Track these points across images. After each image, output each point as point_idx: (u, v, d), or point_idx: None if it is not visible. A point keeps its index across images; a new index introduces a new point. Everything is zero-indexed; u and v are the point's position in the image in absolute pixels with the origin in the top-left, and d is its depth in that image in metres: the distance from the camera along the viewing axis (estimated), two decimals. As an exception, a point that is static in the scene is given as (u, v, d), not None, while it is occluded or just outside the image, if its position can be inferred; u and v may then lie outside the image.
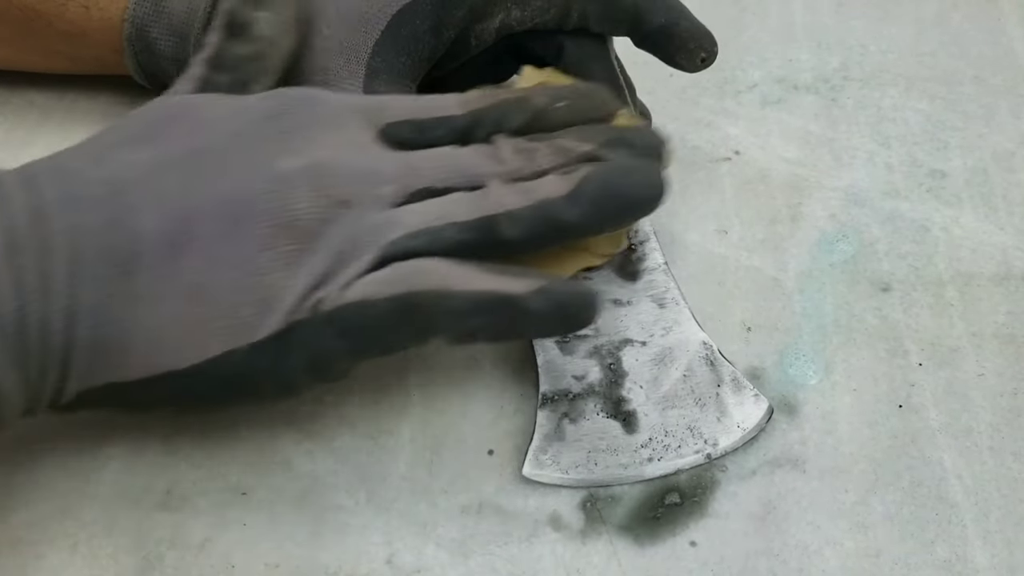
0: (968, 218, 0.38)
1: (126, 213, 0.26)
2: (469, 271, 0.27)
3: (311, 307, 0.26)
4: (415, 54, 0.35)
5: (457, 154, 0.28)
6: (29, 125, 0.41)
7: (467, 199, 0.28)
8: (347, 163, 0.28)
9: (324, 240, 0.27)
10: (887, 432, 0.32)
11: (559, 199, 0.27)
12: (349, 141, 0.28)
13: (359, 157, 0.28)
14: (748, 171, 0.39)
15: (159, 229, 0.26)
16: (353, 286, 0.26)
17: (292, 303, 0.26)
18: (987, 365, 0.33)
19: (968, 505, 0.30)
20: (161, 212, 0.27)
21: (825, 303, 0.35)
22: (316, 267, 0.26)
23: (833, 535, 0.29)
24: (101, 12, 0.37)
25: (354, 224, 0.27)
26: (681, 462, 0.30)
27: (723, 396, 0.31)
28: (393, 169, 0.28)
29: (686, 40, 0.36)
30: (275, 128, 0.28)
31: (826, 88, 0.43)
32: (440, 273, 0.27)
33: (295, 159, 0.27)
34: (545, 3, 0.35)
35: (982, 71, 0.44)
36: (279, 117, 0.28)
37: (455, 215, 0.27)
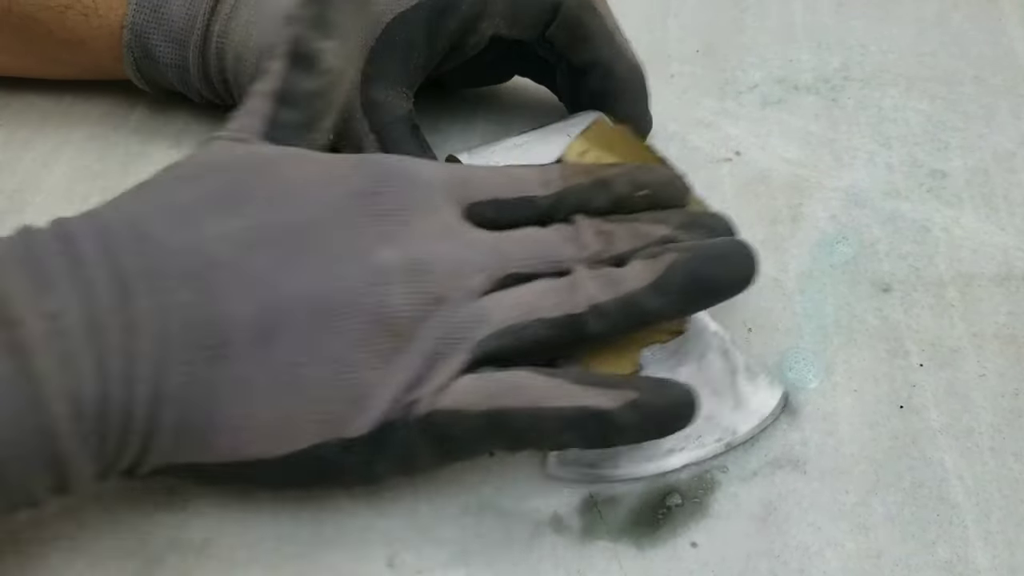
0: (969, 218, 0.38)
1: (215, 294, 0.25)
2: (560, 385, 0.27)
3: (404, 408, 0.26)
4: (410, 61, 0.35)
5: (542, 238, 0.29)
6: (30, 128, 0.41)
7: (554, 292, 0.27)
8: (442, 256, 0.27)
9: (418, 338, 0.26)
10: (888, 433, 0.31)
11: (645, 289, 0.27)
12: (442, 226, 0.28)
13: (452, 246, 0.28)
14: (748, 172, 0.39)
15: (250, 314, 0.25)
16: (447, 391, 0.26)
17: (386, 403, 0.26)
18: (988, 366, 0.33)
19: (969, 506, 0.30)
20: (253, 296, 0.26)
21: (826, 304, 0.35)
22: (410, 367, 0.26)
23: (834, 536, 0.29)
24: (100, 19, 0.37)
25: (446, 321, 0.27)
26: (703, 452, 0.30)
27: (738, 384, 0.31)
28: (482, 257, 0.28)
29: None
30: (371, 208, 0.27)
31: (826, 88, 0.43)
32: (532, 389, 0.26)
33: (393, 251, 0.27)
34: (534, 21, 0.35)
35: (983, 71, 0.44)
36: (374, 195, 0.28)
37: (542, 310, 0.27)
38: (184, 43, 0.37)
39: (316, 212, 0.27)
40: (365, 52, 0.34)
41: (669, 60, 0.44)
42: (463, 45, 0.36)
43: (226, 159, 0.28)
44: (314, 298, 0.26)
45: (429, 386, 0.26)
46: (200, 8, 0.36)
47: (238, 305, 0.25)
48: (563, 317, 0.27)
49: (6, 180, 0.39)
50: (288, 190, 0.27)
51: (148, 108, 0.41)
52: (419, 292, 0.27)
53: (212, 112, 0.40)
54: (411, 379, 0.26)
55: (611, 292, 0.27)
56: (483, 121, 0.41)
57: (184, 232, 0.26)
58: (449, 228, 0.28)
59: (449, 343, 0.26)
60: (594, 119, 0.35)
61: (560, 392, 0.26)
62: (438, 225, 0.28)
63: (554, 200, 0.29)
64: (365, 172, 0.28)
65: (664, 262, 0.28)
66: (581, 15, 0.35)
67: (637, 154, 0.34)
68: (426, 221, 0.28)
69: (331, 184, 0.28)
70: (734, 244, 0.29)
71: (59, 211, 0.37)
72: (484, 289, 0.27)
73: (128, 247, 0.25)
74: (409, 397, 0.26)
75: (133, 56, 0.38)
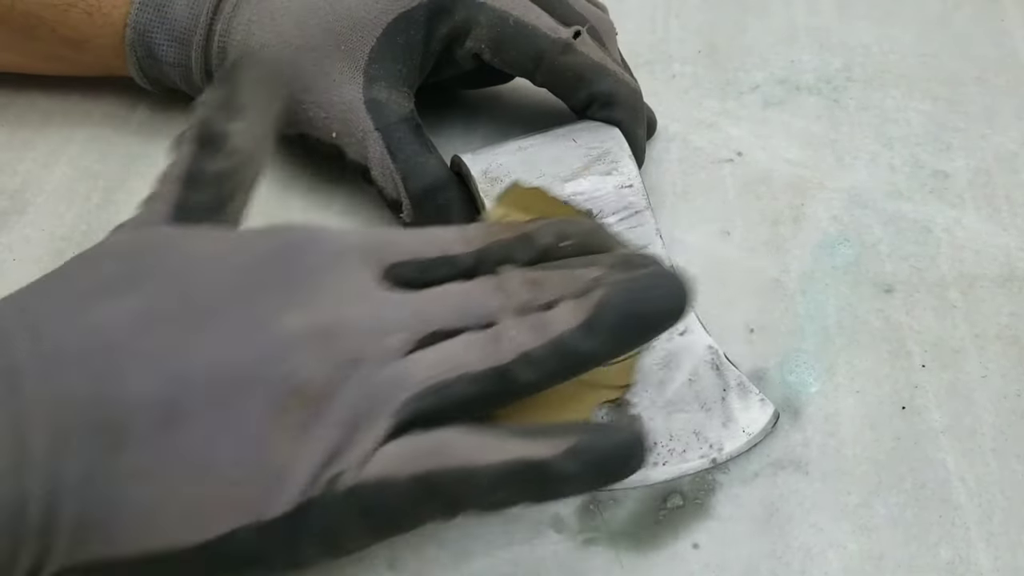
0: (971, 219, 0.38)
1: (112, 377, 0.24)
2: (492, 439, 0.25)
3: (326, 483, 0.24)
4: (410, 62, 0.35)
5: (465, 292, 0.27)
6: (32, 128, 0.41)
7: (479, 344, 0.26)
8: (355, 316, 0.25)
9: (335, 405, 0.24)
10: (890, 434, 0.31)
11: (575, 331, 0.25)
12: (353, 288, 0.26)
13: (365, 307, 0.26)
14: (750, 172, 0.39)
15: (150, 396, 0.24)
16: (371, 461, 0.24)
17: (305, 480, 0.24)
18: (990, 367, 0.33)
19: (971, 507, 0.30)
20: (153, 377, 0.24)
21: (828, 304, 0.35)
22: (328, 437, 0.24)
23: (836, 537, 0.29)
24: (104, 18, 0.37)
25: (364, 383, 0.25)
26: (686, 467, 0.30)
27: (729, 401, 0.31)
28: (400, 317, 0.26)
29: None
30: (273, 276, 0.26)
31: (828, 89, 0.43)
32: (461, 447, 0.25)
33: (298, 317, 0.25)
34: (516, 62, 0.36)
35: (985, 72, 0.44)
36: (277, 263, 0.26)
37: (467, 364, 0.25)
38: (187, 42, 0.37)
39: (216, 285, 0.25)
40: (364, 51, 0.34)
41: (671, 61, 0.44)
42: (452, 54, 0.36)
43: (125, 243, 0.27)
44: (217, 373, 0.24)
45: (350, 457, 0.24)
46: (203, 7, 0.36)
47: (137, 387, 0.24)
48: (489, 370, 0.25)
49: (8, 180, 0.39)
50: (187, 266, 0.26)
51: (150, 108, 0.41)
52: (331, 356, 0.25)
53: (214, 112, 0.40)
54: (330, 451, 0.24)
55: (539, 338, 0.25)
56: (485, 122, 0.41)
57: (78, 317, 0.24)
58: (362, 291, 0.26)
59: (370, 407, 0.25)
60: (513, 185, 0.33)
61: (493, 446, 0.25)
62: (350, 288, 0.26)
63: (476, 256, 0.28)
64: (269, 242, 0.27)
65: (592, 300, 0.26)
66: (566, 61, 0.35)
67: (558, 212, 0.32)
68: (336, 286, 0.26)
69: (232, 256, 0.26)
70: (664, 275, 0.27)
71: (61, 211, 0.38)
72: (404, 349, 0.25)
73: (18, 335, 0.24)
74: (330, 471, 0.24)
75: (136, 55, 0.38)
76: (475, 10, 0.35)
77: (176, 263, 0.26)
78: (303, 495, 0.24)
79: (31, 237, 0.37)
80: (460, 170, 0.35)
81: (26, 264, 0.36)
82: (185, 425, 0.24)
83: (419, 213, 0.34)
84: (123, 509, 0.24)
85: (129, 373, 0.24)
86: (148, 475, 0.24)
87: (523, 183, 0.33)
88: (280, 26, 0.35)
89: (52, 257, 0.36)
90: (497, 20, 0.35)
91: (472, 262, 0.27)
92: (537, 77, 0.36)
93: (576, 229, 0.29)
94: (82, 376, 0.24)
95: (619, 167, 0.35)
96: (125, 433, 0.23)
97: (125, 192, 0.38)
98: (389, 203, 0.35)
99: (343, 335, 0.25)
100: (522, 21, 0.35)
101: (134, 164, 0.39)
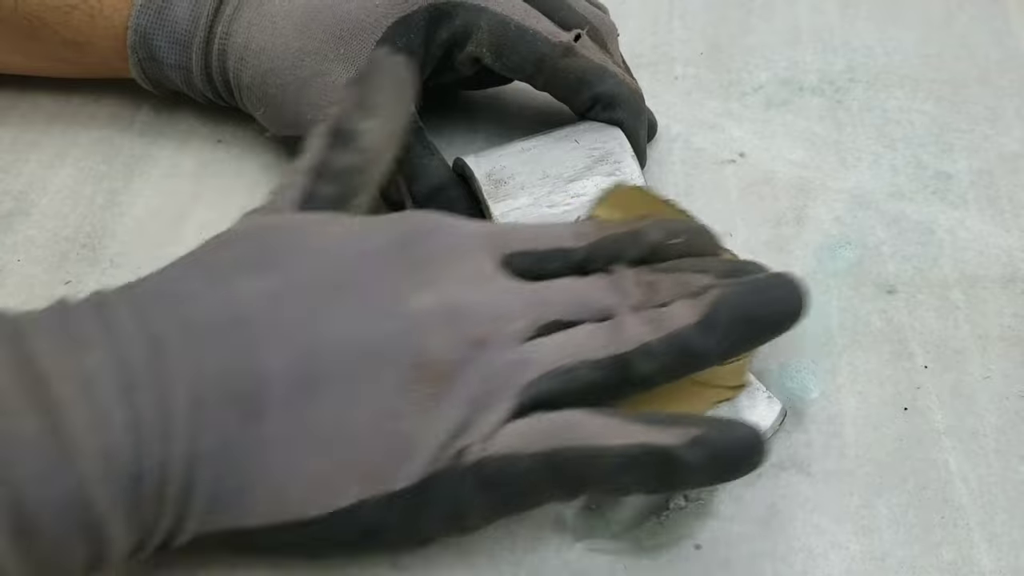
0: (974, 220, 0.38)
1: (250, 349, 0.25)
2: (618, 423, 0.25)
3: (452, 457, 0.25)
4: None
5: (583, 285, 0.28)
6: (36, 129, 0.41)
7: (600, 333, 0.26)
8: (480, 300, 0.26)
9: (461, 383, 0.25)
10: (892, 435, 0.31)
11: (691, 328, 0.26)
12: (477, 273, 0.27)
13: (489, 292, 0.27)
14: (753, 173, 0.39)
15: (286, 368, 0.25)
16: (496, 437, 0.25)
17: (432, 453, 0.25)
18: (993, 367, 0.33)
19: (974, 508, 0.30)
20: (287, 349, 0.25)
21: (830, 305, 0.35)
22: (455, 413, 0.25)
23: (838, 538, 0.29)
24: (106, 20, 0.38)
25: (489, 365, 0.26)
26: None
27: (735, 399, 0.31)
28: (523, 303, 0.27)
29: None
30: (403, 258, 0.27)
31: (831, 90, 0.43)
32: (588, 427, 0.25)
33: (428, 296, 0.26)
34: (516, 66, 0.36)
35: (988, 73, 0.44)
36: (406, 246, 0.27)
37: (588, 352, 0.26)
38: (187, 44, 0.37)
39: (347, 265, 0.27)
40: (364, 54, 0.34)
41: (673, 62, 0.44)
42: (452, 59, 0.36)
43: (256, 226, 0.28)
44: (349, 347, 0.25)
45: (476, 432, 0.25)
46: (203, 9, 0.37)
47: (272, 358, 0.25)
48: (610, 358, 0.26)
49: (12, 182, 0.39)
50: (318, 248, 0.27)
51: (153, 110, 0.41)
52: (459, 336, 0.26)
53: (217, 114, 0.40)
54: (457, 426, 0.25)
55: (657, 331, 0.26)
56: (486, 124, 0.41)
57: (215, 290, 0.26)
58: (487, 276, 0.27)
59: (494, 388, 0.25)
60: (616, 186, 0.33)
61: (619, 430, 0.25)
62: (475, 273, 0.27)
63: (588, 251, 0.28)
64: (396, 227, 0.28)
65: (709, 299, 0.27)
66: (567, 64, 0.35)
67: (660, 210, 0.32)
68: (462, 269, 0.27)
69: (362, 239, 0.27)
70: (781, 278, 0.27)
71: (65, 212, 0.38)
72: (527, 334, 0.26)
73: (159, 307, 0.25)
74: (456, 445, 0.25)
75: (137, 57, 0.38)
76: (475, 15, 0.35)
77: (307, 244, 0.27)
78: (430, 468, 0.25)
79: (35, 238, 0.37)
80: (463, 172, 0.35)
81: (30, 265, 0.36)
82: (317, 397, 0.25)
83: (423, 214, 0.35)
84: (256, 479, 0.24)
85: (264, 346, 0.25)
86: (282, 443, 0.24)
87: (625, 183, 0.34)
88: (280, 29, 0.35)
89: (56, 258, 0.36)
90: (498, 25, 0.35)
91: (584, 256, 0.28)
92: (538, 81, 0.36)
93: (684, 227, 0.30)
94: (220, 348, 0.25)
95: (621, 168, 0.35)
96: (260, 404, 0.24)
97: (129, 193, 0.39)
98: (392, 205, 0.35)
99: (469, 317, 0.26)
100: (523, 26, 0.35)
101: (138, 165, 0.40)
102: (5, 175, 0.39)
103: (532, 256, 0.28)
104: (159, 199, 0.38)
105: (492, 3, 0.35)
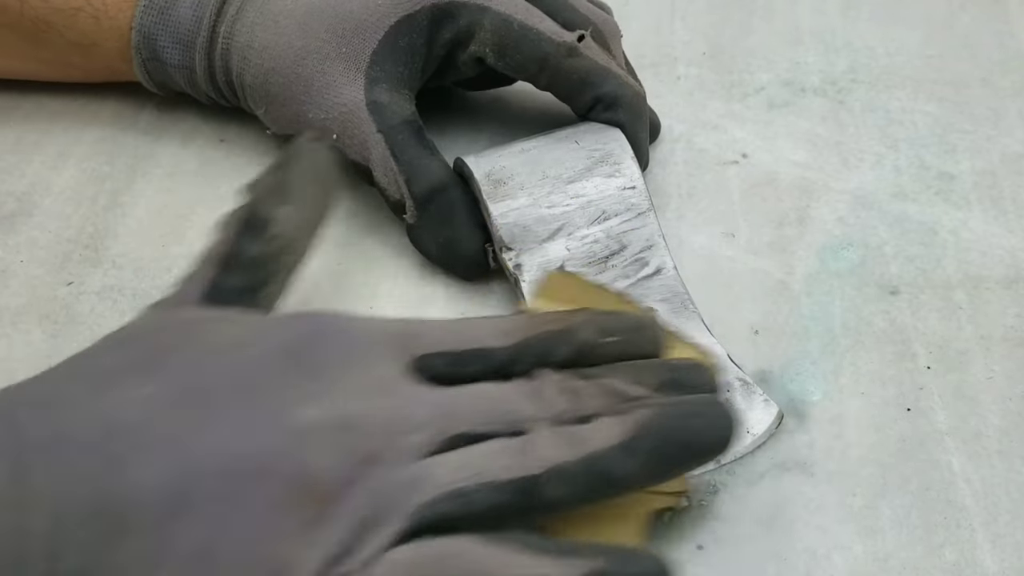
0: (977, 221, 0.38)
1: (120, 464, 0.23)
2: (508, 554, 0.23)
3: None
4: (411, 65, 0.35)
5: (497, 394, 0.26)
6: (39, 130, 0.41)
7: (507, 452, 0.24)
8: (374, 411, 0.24)
9: (346, 504, 0.23)
10: (895, 436, 0.31)
11: (611, 450, 0.24)
12: (378, 381, 0.25)
13: (388, 402, 0.25)
14: (755, 174, 0.39)
15: (155, 486, 0.23)
16: (377, 565, 0.23)
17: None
18: (996, 368, 0.33)
19: (977, 509, 0.30)
20: (159, 465, 0.23)
21: (833, 306, 0.35)
22: (335, 537, 0.23)
23: (841, 539, 0.29)
24: (111, 21, 0.38)
25: (379, 484, 0.24)
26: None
27: (732, 401, 0.31)
28: (426, 413, 0.25)
29: None
30: (295, 366, 0.25)
31: (834, 91, 0.43)
32: (472, 559, 0.23)
33: (316, 409, 0.24)
34: (519, 65, 0.36)
35: (991, 73, 0.44)
36: (299, 352, 0.25)
37: (492, 473, 0.24)
38: (191, 45, 0.37)
39: (235, 374, 0.25)
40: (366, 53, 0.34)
41: (676, 62, 0.44)
42: (455, 59, 0.36)
43: (154, 324, 0.27)
44: (226, 463, 0.23)
45: (356, 559, 0.23)
46: (206, 10, 0.37)
47: (140, 476, 0.23)
48: (516, 480, 0.24)
49: (16, 182, 0.39)
50: (210, 352, 0.25)
51: (156, 110, 0.41)
52: (347, 452, 0.24)
53: (220, 113, 0.41)
54: (337, 551, 0.23)
55: (573, 452, 0.24)
56: (489, 124, 0.41)
57: (92, 399, 0.24)
58: (387, 384, 0.25)
59: (381, 509, 0.24)
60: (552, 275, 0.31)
61: (509, 562, 0.23)
62: (374, 381, 0.25)
63: (513, 351, 0.26)
64: (295, 330, 0.26)
65: (634, 420, 0.25)
66: (570, 64, 0.35)
67: (603, 301, 0.30)
68: (360, 377, 0.25)
69: (257, 343, 0.26)
70: (711, 403, 0.26)
71: (68, 213, 0.38)
72: (426, 450, 0.24)
73: (31, 417, 0.24)
74: (333, 573, 0.23)
75: (141, 58, 0.38)
76: (479, 15, 0.35)
77: (197, 349, 0.26)
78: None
79: (38, 239, 0.37)
80: (463, 172, 0.35)
81: (33, 266, 0.36)
82: (189, 516, 0.23)
83: (423, 215, 0.34)
84: None
85: (136, 460, 0.23)
86: (148, 569, 0.23)
87: (561, 271, 0.32)
88: (282, 28, 0.35)
89: (59, 259, 0.36)
90: (501, 24, 0.35)
91: (508, 357, 0.26)
92: (541, 80, 0.36)
93: (621, 324, 0.27)
94: (88, 463, 0.23)
95: (621, 169, 0.35)
96: (124, 524, 0.23)
97: (132, 194, 0.39)
98: (392, 205, 0.35)
99: (362, 430, 0.24)
100: (526, 25, 0.35)
101: (141, 166, 0.40)
102: (8, 176, 0.39)
103: (447, 358, 0.26)
104: (162, 199, 0.38)
105: (495, 3, 0.35)
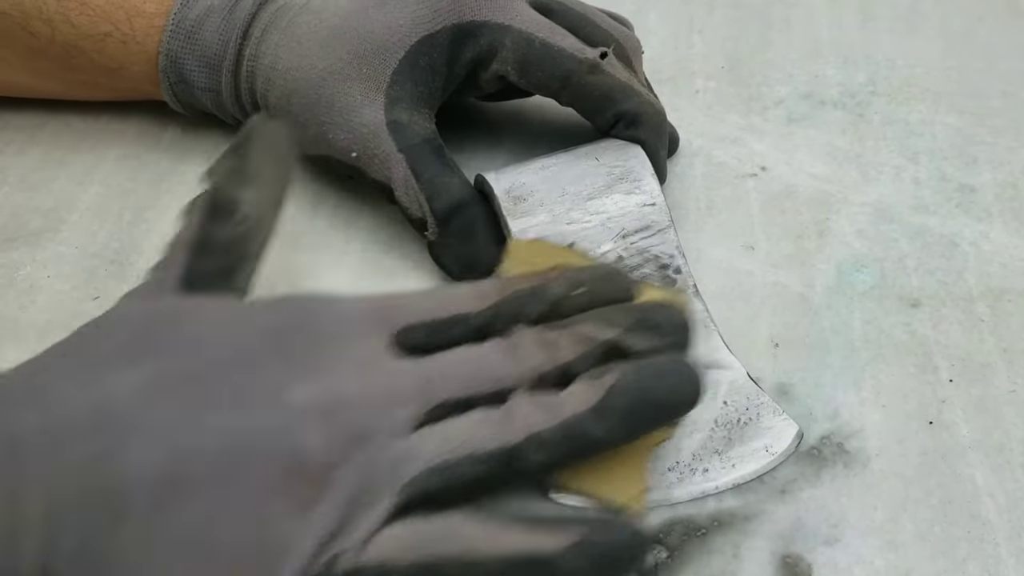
0: (998, 233, 0.37)
1: (113, 450, 0.23)
2: (496, 528, 0.24)
3: (325, 564, 0.24)
4: (432, 84, 0.36)
5: (476, 357, 0.27)
6: (65, 147, 0.42)
7: (489, 423, 0.26)
8: (362, 390, 0.25)
9: (338, 483, 0.24)
10: (917, 449, 0.31)
11: (586, 414, 0.26)
12: (360, 358, 0.26)
13: (372, 379, 0.26)
14: (774, 187, 0.39)
15: (152, 469, 0.23)
16: (372, 542, 0.24)
17: (304, 560, 0.24)
18: (1019, 381, 0.33)
19: (1001, 523, 0.29)
20: (154, 449, 0.24)
21: (853, 319, 0.35)
22: (329, 516, 0.24)
23: (863, 553, 0.29)
24: (138, 45, 0.38)
25: (369, 462, 0.24)
26: (708, 486, 0.30)
27: (751, 420, 0.31)
28: (411, 386, 0.26)
29: None
30: (279, 348, 0.26)
31: (853, 103, 0.43)
32: (465, 535, 0.24)
33: (304, 389, 0.25)
34: (542, 82, 0.36)
35: (1011, 85, 0.43)
36: (283, 333, 0.26)
37: (476, 443, 0.25)
38: (217, 67, 0.38)
39: (222, 357, 0.25)
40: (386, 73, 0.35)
41: (694, 76, 0.44)
42: (477, 78, 0.37)
43: (134, 313, 0.27)
44: (219, 446, 0.24)
45: (352, 537, 0.24)
46: (232, 33, 0.37)
47: (137, 460, 0.23)
48: (498, 450, 0.25)
49: (42, 199, 0.40)
50: (194, 338, 0.26)
51: (180, 128, 0.42)
52: (337, 432, 0.24)
53: (242, 131, 0.41)
54: (331, 530, 0.24)
55: (550, 419, 0.25)
56: (509, 140, 0.41)
57: (83, 386, 0.24)
58: (370, 360, 0.26)
59: (373, 486, 0.24)
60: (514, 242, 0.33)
61: (497, 535, 0.24)
62: (357, 358, 0.26)
63: (488, 316, 0.27)
64: (276, 312, 0.27)
65: (605, 384, 0.26)
66: (593, 81, 0.36)
67: (564, 259, 0.31)
68: (343, 355, 0.26)
69: (239, 327, 0.26)
70: (678, 363, 0.27)
71: (94, 229, 0.38)
72: (412, 423, 0.25)
73: (24, 405, 0.24)
74: (330, 551, 0.24)
75: (169, 80, 0.39)
76: (500, 33, 0.35)
77: (182, 335, 0.26)
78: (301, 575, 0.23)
79: (64, 255, 0.38)
80: (483, 188, 0.36)
81: (59, 281, 0.37)
82: (184, 499, 0.23)
83: (445, 232, 0.35)
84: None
85: (130, 446, 0.24)
86: (144, 552, 0.23)
87: (521, 237, 0.33)
88: (305, 50, 0.36)
89: (85, 274, 0.37)
90: (523, 42, 0.35)
91: (484, 320, 0.27)
92: (563, 97, 0.36)
93: (588, 276, 0.28)
94: (83, 448, 0.23)
95: (641, 186, 0.35)
96: (122, 506, 0.23)
97: (156, 210, 0.39)
98: (414, 223, 0.36)
99: (348, 409, 0.25)
100: (548, 42, 0.35)
101: (165, 182, 0.40)
102: (35, 193, 0.40)
103: (424, 328, 0.27)
104: (185, 216, 0.39)
105: (516, 21, 0.35)
